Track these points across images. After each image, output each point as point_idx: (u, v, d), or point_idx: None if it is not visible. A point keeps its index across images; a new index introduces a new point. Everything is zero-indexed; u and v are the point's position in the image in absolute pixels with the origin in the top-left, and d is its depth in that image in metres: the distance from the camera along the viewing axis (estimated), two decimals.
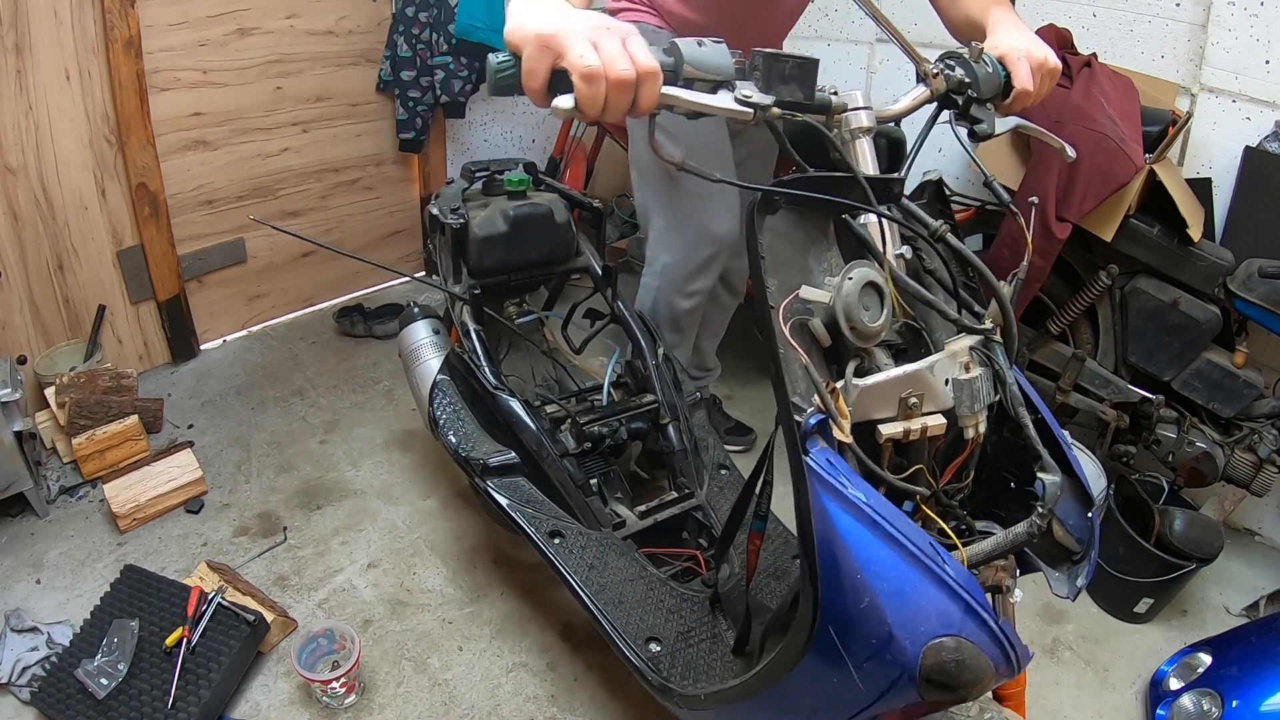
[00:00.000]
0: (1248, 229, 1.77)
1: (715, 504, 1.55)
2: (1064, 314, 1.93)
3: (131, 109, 2.09)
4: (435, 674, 1.56)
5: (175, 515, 1.89)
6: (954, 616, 0.76)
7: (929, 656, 0.75)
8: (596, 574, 1.35)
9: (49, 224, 2.06)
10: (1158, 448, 1.83)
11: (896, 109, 0.98)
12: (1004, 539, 0.86)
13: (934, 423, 0.84)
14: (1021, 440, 0.89)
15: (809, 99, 0.85)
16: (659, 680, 1.19)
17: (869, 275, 0.85)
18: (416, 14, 2.51)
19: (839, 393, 0.80)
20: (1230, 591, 1.88)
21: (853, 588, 0.78)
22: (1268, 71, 1.74)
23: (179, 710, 1.37)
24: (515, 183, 1.73)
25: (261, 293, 2.66)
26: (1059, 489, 0.86)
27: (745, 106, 0.80)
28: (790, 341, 0.81)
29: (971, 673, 0.76)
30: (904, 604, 0.76)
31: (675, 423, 1.63)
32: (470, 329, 1.65)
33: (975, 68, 0.97)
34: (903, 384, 0.83)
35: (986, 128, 0.97)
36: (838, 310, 0.83)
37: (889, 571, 0.77)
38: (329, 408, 2.32)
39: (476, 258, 1.66)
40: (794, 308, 0.85)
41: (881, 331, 0.86)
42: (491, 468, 1.48)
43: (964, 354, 0.85)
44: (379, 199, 2.87)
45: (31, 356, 2.08)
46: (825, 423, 0.80)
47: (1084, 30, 1.99)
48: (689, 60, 0.78)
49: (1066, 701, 1.58)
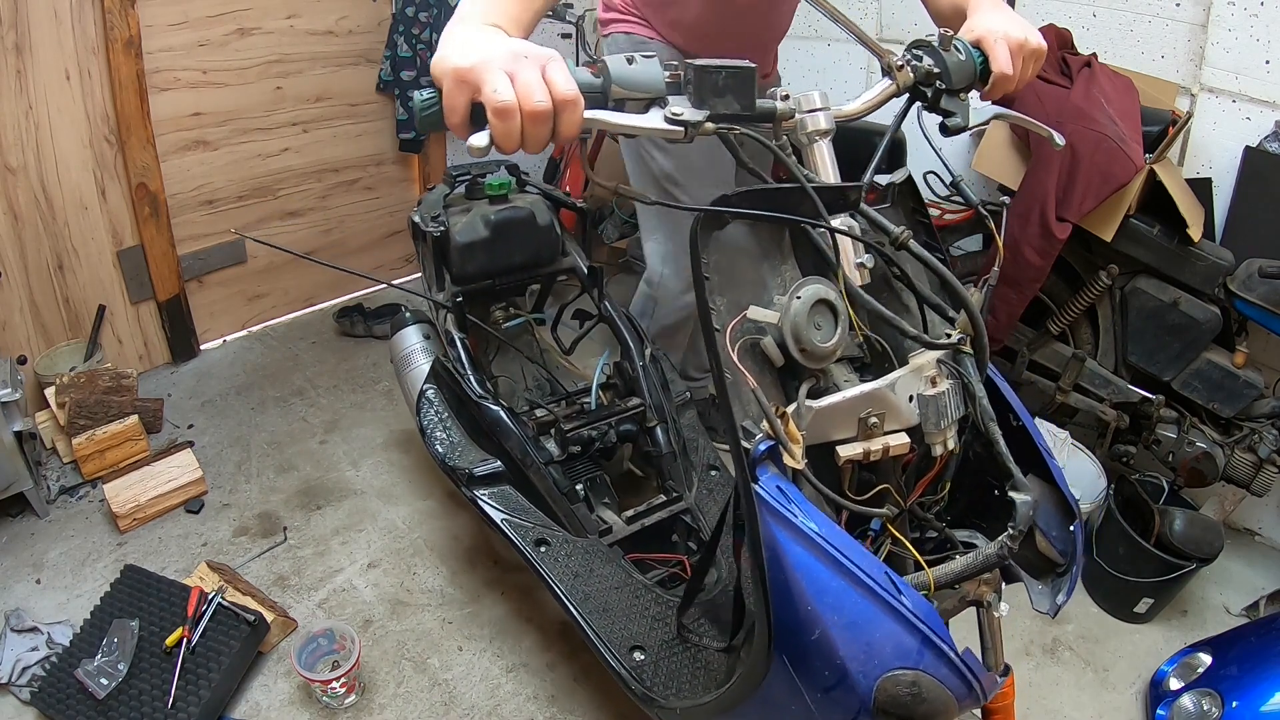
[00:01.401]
0: (1248, 229, 1.77)
1: (704, 506, 1.54)
2: (1064, 314, 1.92)
3: (131, 109, 2.09)
4: (435, 674, 1.56)
5: (175, 515, 1.89)
6: (910, 649, 0.74)
7: (884, 690, 0.73)
8: (581, 582, 1.34)
9: (49, 224, 2.06)
10: (1158, 448, 1.83)
11: (855, 106, 0.93)
12: (973, 560, 0.82)
13: (896, 442, 0.81)
14: (994, 455, 0.85)
15: (748, 108, 0.79)
16: (642, 690, 1.18)
17: (820, 293, 0.81)
18: (416, 14, 2.51)
19: (788, 417, 0.76)
20: (1230, 591, 1.88)
21: (804, 619, 0.75)
22: (1268, 71, 1.74)
23: (179, 710, 1.37)
24: (496, 186, 1.73)
25: (261, 293, 2.67)
26: (1030, 510, 0.82)
27: (675, 125, 0.75)
28: (737, 365, 0.76)
29: (930, 705, 0.74)
30: (857, 636, 0.74)
31: (663, 425, 1.62)
32: (454, 337, 1.64)
33: (945, 56, 0.90)
34: (861, 404, 0.80)
35: (959, 120, 0.91)
36: (785, 332, 0.80)
37: (841, 603, 0.74)
38: (329, 408, 2.32)
39: (459, 265, 1.66)
40: (744, 328, 0.81)
41: (836, 351, 0.82)
42: (477, 477, 1.48)
43: (930, 368, 0.81)
44: (379, 199, 2.87)
45: (31, 356, 2.08)
46: (774, 450, 0.76)
47: (1084, 30, 1.99)
48: (616, 80, 0.74)
49: (1066, 701, 1.58)
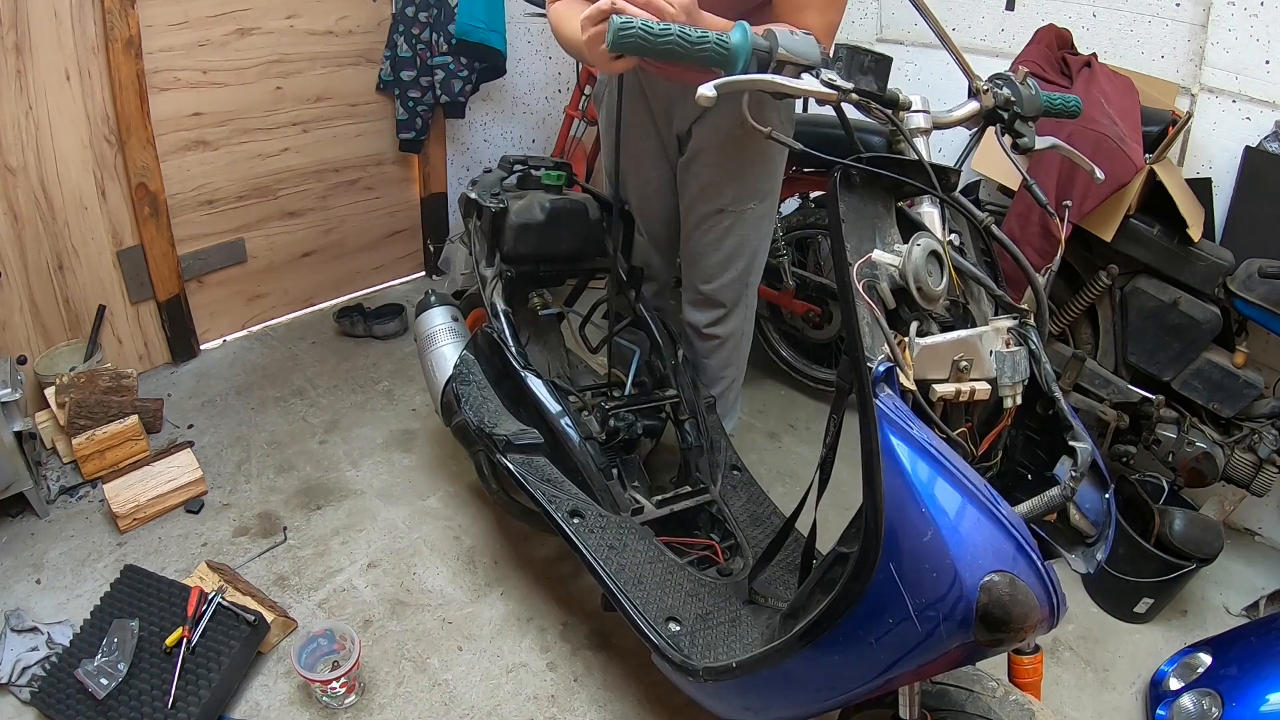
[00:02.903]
0: (1248, 229, 1.77)
1: (728, 500, 1.58)
2: (1064, 314, 1.93)
3: (131, 109, 2.09)
4: (435, 674, 1.56)
5: (175, 515, 1.89)
6: (1008, 554, 0.80)
7: (985, 593, 0.78)
8: (616, 554, 1.36)
9: (49, 224, 2.06)
10: (1158, 448, 1.83)
11: (952, 118, 1.09)
12: (1040, 502, 0.90)
13: (981, 387, 0.91)
14: (1050, 416, 0.98)
15: (882, 90, 0.98)
16: (680, 658, 1.20)
17: (933, 245, 0.94)
18: (416, 14, 2.51)
19: (906, 344, 0.90)
20: (1230, 591, 1.88)
21: (916, 521, 0.81)
22: (1268, 71, 1.75)
23: (179, 710, 1.37)
24: (553, 178, 1.78)
25: (261, 293, 2.66)
26: (1090, 456, 0.93)
27: (830, 89, 0.93)
28: (864, 297, 0.90)
29: (1022, 610, 0.79)
30: (964, 538, 0.79)
31: (693, 419, 1.67)
32: (499, 309, 1.67)
33: (1020, 89, 1.09)
34: (956, 348, 0.92)
35: (1028, 142, 1.09)
36: (907, 272, 0.91)
37: (951, 506, 0.81)
38: (329, 408, 2.32)
39: (511, 243, 1.69)
40: (863, 271, 0.93)
41: (942, 296, 0.94)
42: (515, 445, 1.50)
43: (1005, 331, 0.95)
44: (379, 199, 2.87)
45: (31, 356, 2.08)
46: (891, 373, 0.87)
47: (1084, 30, 1.99)
48: (783, 45, 0.94)
49: (1066, 701, 1.58)
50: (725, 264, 1.66)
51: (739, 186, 1.57)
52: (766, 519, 1.56)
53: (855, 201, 0.98)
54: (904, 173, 0.98)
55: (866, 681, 0.93)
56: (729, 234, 1.62)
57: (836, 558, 1.03)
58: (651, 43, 0.90)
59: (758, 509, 1.58)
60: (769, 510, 1.58)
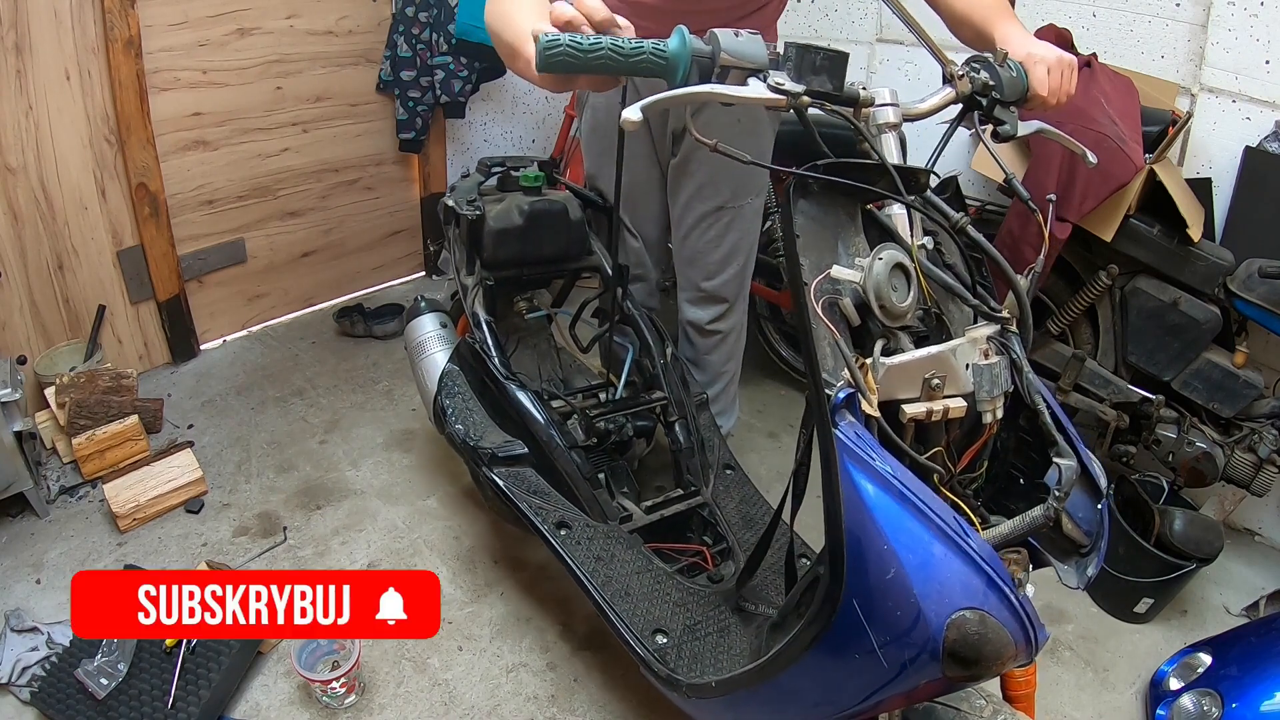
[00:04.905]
0: (1248, 229, 1.77)
1: (721, 502, 1.56)
2: (1064, 314, 1.92)
3: (131, 109, 2.09)
4: (435, 674, 1.56)
5: (175, 515, 1.89)
6: (977, 590, 0.76)
7: (953, 630, 0.75)
8: (603, 566, 1.35)
9: (49, 224, 2.06)
10: (1158, 448, 1.83)
11: (923, 107, 1.01)
12: (1020, 523, 0.86)
13: (955, 405, 0.86)
14: (1038, 426, 0.91)
15: (838, 90, 0.89)
16: (665, 672, 1.19)
17: (897, 257, 0.87)
18: (416, 14, 2.51)
19: (868, 368, 0.83)
20: (1230, 591, 1.88)
21: (879, 558, 0.78)
22: (1268, 71, 1.74)
23: (179, 710, 1.37)
24: (531, 179, 1.75)
25: (261, 293, 2.66)
26: (1075, 473, 0.87)
27: (778, 94, 0.84)
28: (821, 317, 0.84)
29: (993, 648, 0.76)
30: (930, 575, 0.76)
31: (682, 420, 1.64)
32: (481, 318, 1.66)
33: (1000, 72, 1.00)
34: (927, 365, 0.85)
35: (1009, 129, 1.01)
36: (868, 289, 0.85)
37: (916, 542, 0.77)
38: (329, 408, 2.32)
39: (491, 250, 1.68)
40: (824, 287, 0.87)
41: (909, 312, 0.88)
42: (500, 458, 1.48)
43: (983, 341, 0.88)
44: (379, 199, 2.87)
45: (31, 356, 2.08)
46: (853, 398, 0.82)
47: (1084, 30, 1.98)
48: (726, 49, 0.84)
49: (1066, 701, 1.58)
50: (727, 260, 1.66)
51: (736, 183, 1.57)
52: (760, 520, 1.54)
53: (815, 210, 0.92)
54: (867, 177, 0.91)
55: (843, 709, 0.90)
56: (729, 230, 1.62)
57: (813, 580, 0.99)
58: (581, 59, 0.81)
59: (751, 510, 1.56)
60: (763, 511, 1.56)
